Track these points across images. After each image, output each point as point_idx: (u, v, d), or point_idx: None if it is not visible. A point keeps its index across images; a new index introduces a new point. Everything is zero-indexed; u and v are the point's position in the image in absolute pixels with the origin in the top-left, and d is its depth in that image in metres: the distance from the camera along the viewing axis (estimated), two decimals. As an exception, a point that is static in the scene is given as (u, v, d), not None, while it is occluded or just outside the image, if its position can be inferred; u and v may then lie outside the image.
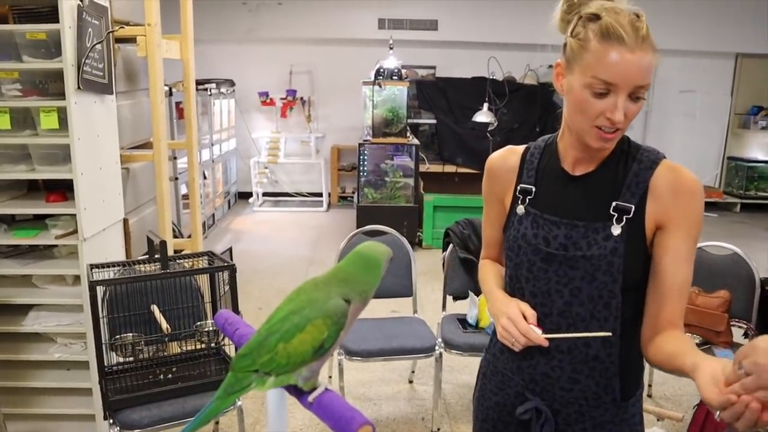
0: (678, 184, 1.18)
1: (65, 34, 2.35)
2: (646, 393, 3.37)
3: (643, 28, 1.10)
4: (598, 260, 1.18)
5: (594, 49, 1.10)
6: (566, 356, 1.24)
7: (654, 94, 8.02)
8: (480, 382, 1.44)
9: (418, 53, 7.83)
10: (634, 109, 1.13)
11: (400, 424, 3.09)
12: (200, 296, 2.68)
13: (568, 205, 1.24)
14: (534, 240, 1.25)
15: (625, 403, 1.26)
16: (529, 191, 1.30)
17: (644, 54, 1.09)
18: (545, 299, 1.24)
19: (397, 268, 3.28)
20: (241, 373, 0.95)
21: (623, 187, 1.20)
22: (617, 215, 1.19)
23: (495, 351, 1.40)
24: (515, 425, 1.34)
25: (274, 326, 0.94)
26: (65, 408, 2.75)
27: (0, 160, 2.56)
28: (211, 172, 6.94)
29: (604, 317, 1.21)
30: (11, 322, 2.68)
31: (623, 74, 1.09)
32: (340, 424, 0.77)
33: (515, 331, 1.20)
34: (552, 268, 1.23)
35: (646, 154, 1.23)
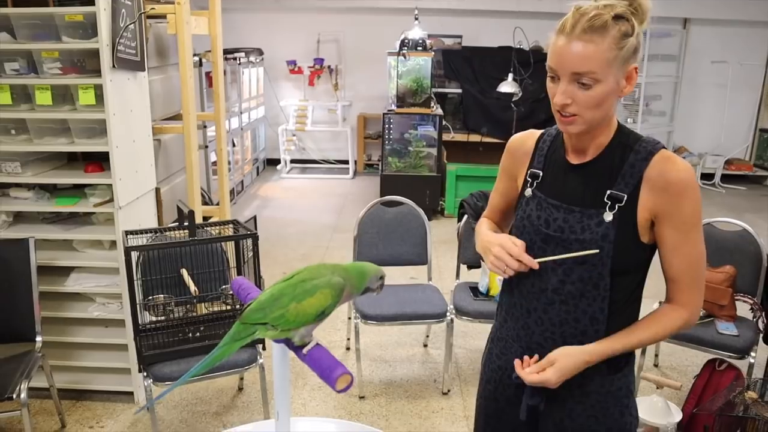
0: (669, 181, 1.24)
1: (100, 15, 2.50)
2: (652, 363, 3.49)
3: (584, 21, 1.17)
4: (590, 244, 1.28)
5: (549, 41, 1.25)
6: (558, 329, 1.35)
7: (685, 65, 7.90)
8: (488, 346, 1.56)
9: (445, 22, 7.82)
10: (583, 96, 1.21)
11: (413, 385, 3.28)
12: (226, 261, 2.87)
13: (568, 192, 1.34)
14: (537, 221, 1.36)
15: (611, 377, 1.36)
16: (537, 176, 1.41)
17: (579, 42, 1.18)
18: (543, 275, 1.35)
19: (414, 237, 3.43)
20: (250, 324, 1.11)
21: (618, 177, 1.28)
22: (610, 203, 1.28)
23: (500, 319, 1.51)
24: (513, 389, 1.46)
25: (286, 289, 1.12)
26: (104, 362, 2.99)
27: (42, 133, 2.76)
28: (240, 139, 7.12)
29: (593, 297, 1.31)
30: (55, 283, 2.91)
31: (558, 60, 1.22)
32: (325, 373, 0.92)
33: (507, 257, 1.31)
34: (549, 248, 1.33)
35: (643, 145, 1.29)
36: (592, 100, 1.22)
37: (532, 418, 1.42)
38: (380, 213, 3.44)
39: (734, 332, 2.84)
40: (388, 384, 3.28)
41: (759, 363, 2.91)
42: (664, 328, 1.32)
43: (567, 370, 1.30)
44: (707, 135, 8.22)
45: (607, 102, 1.24)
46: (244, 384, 3.21)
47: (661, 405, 2.61)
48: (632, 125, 7.39)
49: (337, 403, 3.09)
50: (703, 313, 2.96)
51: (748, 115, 8.25)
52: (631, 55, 1.22)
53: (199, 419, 2.94)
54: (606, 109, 1.25)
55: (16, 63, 2.66)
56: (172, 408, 3.02)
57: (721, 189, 7.83)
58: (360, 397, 3.14)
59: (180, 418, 2.94)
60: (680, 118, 8.07)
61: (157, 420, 2.80)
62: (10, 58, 2.66)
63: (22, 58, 2.67)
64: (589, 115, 1.24)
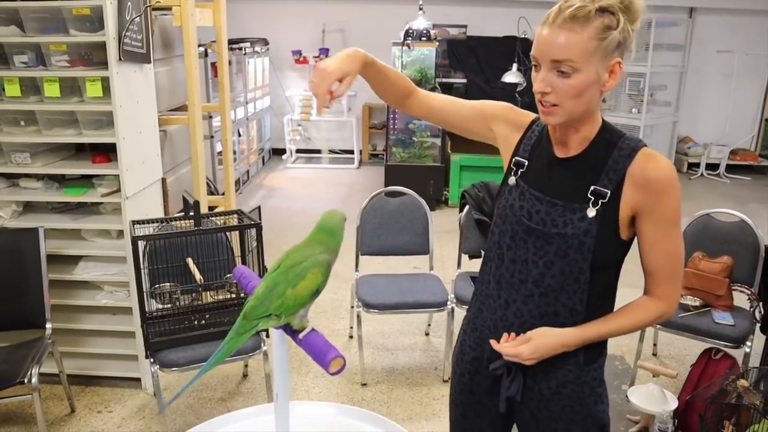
0: (651, 179, 1.26)
1: (107, 9, 2.55)
2: (651, 352, 3.54)
3: (568, 11, 1.19)
4: (571, 238, 1.30)
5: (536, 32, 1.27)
6: (537, 321, 1.36)
7: (690, 54, 7.88)
8: (461, 338, 1.57)
9: (450, 11, 7.82)
10: (561, 85, 1.23)
11: (414, 372, 3.34)
12: (230, 251, 2.93)
13: (551, 184, 1.35)
14: (519, 212, 1.36)
15: (588, 367, 1.40)
16: (522, 164, 1.40)
17: (559, 31, 1.20)
18: (522, 267, 1.36)
19: (416, 228, 3.48)
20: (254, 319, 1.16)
21: (602, 173, 1.29)
22: (593, 198, 1.29)
23: (474, 310, 1.52)
24: (489, 380, 1.47)
25: (278, 278, 1.17)
26: (112, 348, 3.06)
27: (51, 125, 2.81)
28: (246, 129, 7.16)
29: (573, 290, 1.33)
30: (63, 271, 2.98)
31: (539, 48, 1.24)
32: (319, 356, 0.98)
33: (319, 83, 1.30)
34: (531, 240, 1.34)
35: (627, 141, 1.31)
36: (571, 89, 1.22)
37: (509, 408, 1.45)
38: (383, 203, 3.49)
39: (730, 322, 2.88)
40: (389, 371, 3.34)
41: (756, 352, 2.95)
42: (640, 318, 1.36)
43: (541, 349, 1.32)
44: (712, 125, 8.21)
45: (588, 93, 1.24)
46: (249, 371, 3.28)
47: (657, 393, 2.66)
48: (637, 115, 7.40)
49: (339, 390, 3.16)
50: (700, 303, 3.00)
51: (754, 105, 8.23)
52: (614, 49, 1.22)
53: (205, 404, 3.01)
54: (587, 101, 1.25)
55: (24, 56, 2.71)
56: (179, 393, 3.09)
57: (726, 179, 7.83)
58: (362, 384, 3.21)
59: (186, 404, 3.01)
60: (685, 108, 8.06)
61: (163, 405, 2.87)
62: (19, 51, 2.71)
63: (30, 51, 2.72)
64: (569, 105, 1.24)
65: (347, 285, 3.56)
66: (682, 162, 8.13)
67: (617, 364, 3.42)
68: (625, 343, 3.61)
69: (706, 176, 7.97)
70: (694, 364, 2.95)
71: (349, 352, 3.52)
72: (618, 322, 1.35)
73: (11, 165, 2.86)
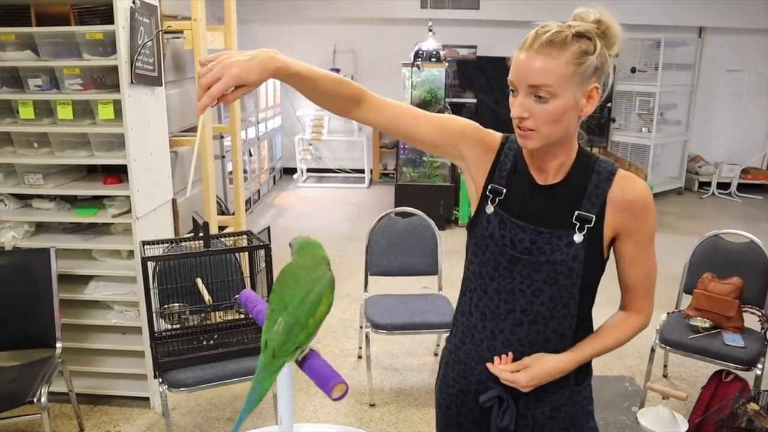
0: (632, 201, 1.30)
1: (119, 34, 2.60)
2: (661, 373, 3.51)
3: (545, 36, 1.19)
4: (561, 265, 1.30)
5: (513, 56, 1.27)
6: (527, 349, 1.35)
7: (700, 74, 7.88)
8: (442, 371, 1.52)
9: (460, 32, 7.89)
10: (539, 110, 1.21)
11: (423, 393, 3.32)
12: (240, 271, 2.95)
13: (535, 212, 1.33)
14: (501, 241, 1.33)
15: (579, 387, 1.41)
16: (500, 192, 1.36)
17: (536, 56, 1.19)
18: (509, 297, 1.34)
19: (425, 248, 3.48)
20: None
21: (584, 198, 1.30)
22: (579, 224, 1.30)
23: (456, 341, 1.48)
24: (478, 410, 1.44)
25: (297, 311, 1.13)
26: (121, 367, 3.07)
27: (64, 147, 2.86)
28: (257, 149, 7.22)
29: (562, 315, 1.33)
30: (74, 291, 3.01)
31: (516, 73, 1.24)
32: (322, 382, 0.99)
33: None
34: (516, 269, 1.32)
35: (603, 165, 1.32)
36: (548, 114, 1.22)
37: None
38: (392, 223, 3.50)
39: (741, 344, 2.85)
40: (398, 392, 3.33)
41: (766, 374, 2.92)
42: (624, 335, 1.39)
43: (539, 375, 1.32)
44: (723, 144, 8.18)
45: (565, 118, 1.23)
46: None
47: (667, 415, 2.64)
48: (647, 134, 7.40)
49: (347, 410, 3.15)
50: (709, 325, 2.98)
51: (765, 124, 8.20)
52: (591, 74, 1.22)
53: (213, 425, 3.01)
54: (564, 127, 1.25)
55: (39, 79, 2.77)
56: (187, 413, 3.10)
57: (738, 198, 7.78)
58: (370, 404, 3.20)
59: (194, 423, 3.02)
60: (696, 127, 8.05)
61: (172, 425, 2.87)
62: (33, 75, 2.77)
63: (44, 74, 2.77)
64: (546, 130, 1.24)
65: (356, 305, 3.57)
66: (693, 181, 8.09)
67: (627, 385, 3.39)
68: (635, 365, 3.58)
69: (718, 195, 7.92)
70: (704, 387, 2.92)
71: (357, 373, 3.51)
72: (605, 341, 1.38)
73: (24, 186, 2.91)
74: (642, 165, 7.28)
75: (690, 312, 3.06)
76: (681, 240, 5.83)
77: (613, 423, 3.03)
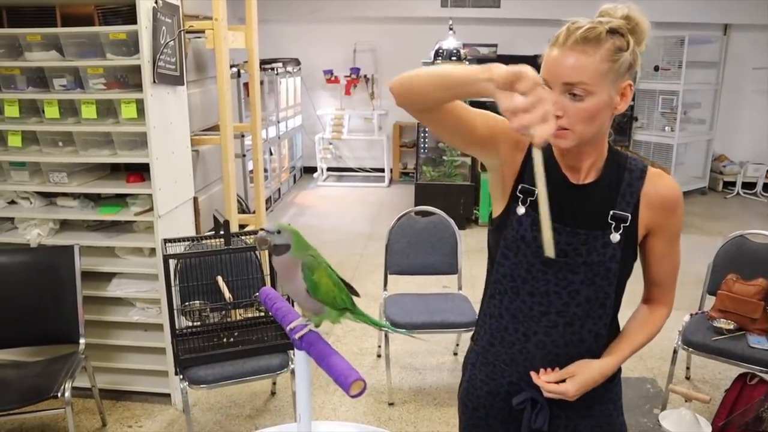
0: (665, 198, 1.31)
1: (142, 34, 2.63)
2: (684, 375, 3.46)
3: (578, 32, 1.17)
4: (598, 266, 1.28)
5: (544, 54, 1.24)
6: (562, 350, 1.33)
7: (725, 71, 7.76)
8: (469, 373, 1.50)
9: (480, 31, 7.85)
10: (574, 109, 1.18)
11: (442, 392, 3.32)
12: (260, 269, 2.97)
13: (570, 213, 1.29)
14: (534, 243, 1.29)
15: (610, 384, 1.40)
16: (531, 192, 1.31)
17: (571, 53, 1.17)
18: (543, 299, 1.32)
19: (445, 247, 3.47)
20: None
21: (618, 197, 1.29)
22: (615, 223, 1.28)
23: (483, 343, 1.45)
24: (507, 411, 1.42)
25: (330, 280, 1.26)
26: (143, 364, 3.11)
27: (87, 146, 2.90)
28: (278, 148, 7.26)
29: (598, 316, 1.32)
30: (98, 288, 3.05)
31: (550, 70, 1.20)
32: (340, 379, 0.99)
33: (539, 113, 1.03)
34: (551, 271, 1.30)
35: (633, 162, 1.32)
36: (583, 112, 1.19)
37: None
38: (412, 222, 3.50)
39: (766, 346, 2.80)
40: (417, 391, 3.33)
41: (793, 378, 2.87)
42: (655, 327, 1.41)
43: (586, 384, 1.30)
44: (749, 143, 8.04)
45: (600, 117, 1.21)
46: (277, 388, 3.30)
47: (689, 418, 2.60)
48: (670, 133, 7.30)
49: (366, 408, 3.15)
50: (734, 326, 2.93)
51: (792, 123, 8.05)
52: (625, 71, 1.21)
53: (233, 421, 3.03)
54: (598, 125, 1.23)
55: (63, 79, 2.81)
56: (207, 410, 3.13)
57: (764, 198, 7.65)
58: (389, 403, 3.20)
59: (214, 420, 3.04)
60: (721, 126, 7.92)
61: (192, 421, 2.90)
62: (58, 75, 2.81)
63: (69, 74, 2.82)
64: (581, 128, 1.21)
65: (375, 304, 3.57)
66: (717, 181, 7.97)
67: (648, 387, 3.35)
68: (657, 366, 3.53)
69: (743, 195, 7.79)
70: (728, 389, 2.88)
71: (376, 371, 3.51)
72: (638, 338, 1.39)
73: (49, 184, 2.95)
74: (665, 164, 7.18)
75: (714, 313, 3.01)
76: (705, 240, 5.74)
77: (634, 425, 2.99)
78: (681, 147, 7.44)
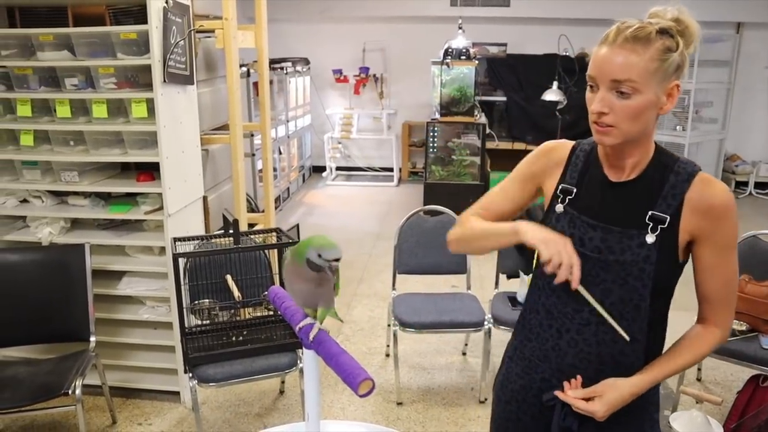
0: (712, 205, 1.25)
1: (153, 33, 2.64)
2: (695, 377, 3.43)
3: (628, 31, 1.18)
4: (631, 266, 1.26)
5: (593, 52, 1.25)
6: (594, 349, 1.32)
7: (738, 70, 7.69)
8: (506, 366, 1.52)
9: (490, 30, 7.83)
10: (620, 106, 1.20)
11: (451, 392, 3.31)
12: (269, 268, 2.97)
13: (606, 210, 1.30)
14: (570, 239, 1.29)
15: (649, 397, 1.36)
16: (570, 192, 1.36)
17: (621, 51, 1.18)
18: (578, 297, 1.30)
19: (453, 247, 3.46)
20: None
21: (659, 198, 1.27)
22: (652, 224, 1.26)
23: (521, 337, 1.47)
24: (538, 408, 1.42)
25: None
26: (152, 362, 3.12)
27: (98, 145, 2.92)
28: (287, 147, 7.28)
29: (632, 318, 1.29)
30: (108, 286, 3.06)
31: (598, 67, 1.22)
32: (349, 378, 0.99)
33: (568, 258, 1.23)
34: (585, 267, 1.28)
35: (683, 166, 1.28)
36: (630, 110, 1.20)
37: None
38: (420, 222, 3.49)
39: (778, 347, 2.78)
40: (426, 391, 3.33)
41: (806, 380, 2.84)
42: (701, 350, 1.34)
43: (615, 404, 1.28)
44: (761, 142, 7.98)
45: (645, 115, 1.22)
46: (285, 387, 3.30)
47: (700, 420, 2.58)
48: (682, 133, 7.25)
49: (375, 408, 3.15)
50: (746, 328, 2.90)
51: (805, 122, 7.98)
52: (673, 72, 1.21)
53: (242, 420, 3.04)
54: (643, 124, 1.23)
55: (75, 79, 2.83)
56: (216, 408, 3.14)
57: (776, 198, 7.60)
58: (398, 403, 3.19)
59: (223, 418, 3.05)
60: (733, 125, 7.86)
61: (201, 419, 2.91)
62: (69, 74, 2.83)
63: (80, 74, 2.83)
64: (626, 126, 1.22)
65: (384, 303, 3.57)
66: (729, 180, 7.91)
67: (659, 388, 3.32)
68: (668, 367, 3.50)
69: (755, 195, 7.73)
70: (740, 391, 2.85)
71: (385, 371, 3.51)
72: (681, 360, 1.33)
73: (60, 183, 2.97)
74: (676, 164, 7.12)
75: (725, 314, 2.99)
76: (716, 241, 5.71)
77: (644, 426, 2.97)
78: (692, 146, 7.39)
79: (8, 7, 3.01)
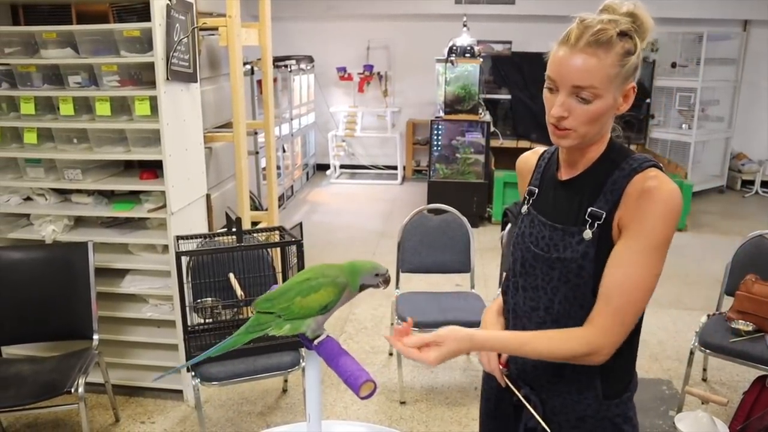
0: (644, 191, 1.18)
1: (156, 31, 2.63)
2: (700, 377, 3.41)
3: (590, 34, 1.15)
4: (571, 263, 1.25)
5: (551, 50, 1.23)
6: None
7: (745, 68, 7.65)
8: None
9: (495, 28, 7.80)
10: (581, 111, 1.19)
11: (454, 392, 3.30)
12: (272, 266, 2.96)
13: (554, 209, 1.32)
14: (528, 239, 1.34)
15: (608, 402, 1.32)
16: (533, 193, 1.39)
17: (582, 55, 1.16)
18: (534, 294, 1.33)
19: (457, 245, 3.45)
20: (263, 316, 1.25)
21: (600, 194, 1.25)
22: (590, 220, 1.24)
23: None
24: (513, 407, 1.43)
25: (294, 285, 1.25)
26: (155, 360, 3.12)
27: (101, 143, 2.91)
28: (291, 145, 7.27)
29: (580, 317, 1.25)
30: (111, 284, 3.06)
31: (559, 71, 1.19)
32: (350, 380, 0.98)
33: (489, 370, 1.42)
34: (539, 266, 1.31)
35: (630, 162, 1.24)
36: (589, 114, 1.19)
37: None
38: (424, 220, 3.48)
39: (785, 348, 2.76)
40: (429, 390, 3.31)
41: (813, 380, 2.81)
42: (558, 348, 1.23)
43: (450, 355, 1.24)
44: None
45: (603, 118, 1.22)
46: (288, 386, 3.30)
47: (705, 421, 2.56)
48: (687, 131, 7.22)
49: (377, 407, 3.14)
50: (752, 328, 2.88)
51: (813, 121, 7.93)
52: (631, 74, 1.20)
53: (245, 418, 3.04)
54: (600, 125, 1.23)
55: (78, 76, 2.82)
56: (219, 407, 3.13)
57: (783, 198, 7.55)
58: (401, 402, 3.18)
59: (226, 417, 3.05)
60: (739, 124, 7.81)
61: (204, 418, 2.91)
62: (73, 72, 2.82)
63: (84, 71, 2.83)
64: (584, 129, 1.22)
65: (388, 302, 3.56)
66: (735, 179, 7.87)
67: (664, 388, 3.31)
68: (673, 368, 3.49)
69: (762, 194, 7.69)
70: (746, 392, 2.83)
71: (388, 370, 3.50)
72: (538, 344, 1.24)
73: (64, 181, 2.97)
74: (682, 163, 7.10)
75: (732, 314, 2.97)
76: (722, 240, 5.68)
77: (649, 427, 2.96)
78: (698, 145, 7.35)
79: (12, 5, 3.01)
